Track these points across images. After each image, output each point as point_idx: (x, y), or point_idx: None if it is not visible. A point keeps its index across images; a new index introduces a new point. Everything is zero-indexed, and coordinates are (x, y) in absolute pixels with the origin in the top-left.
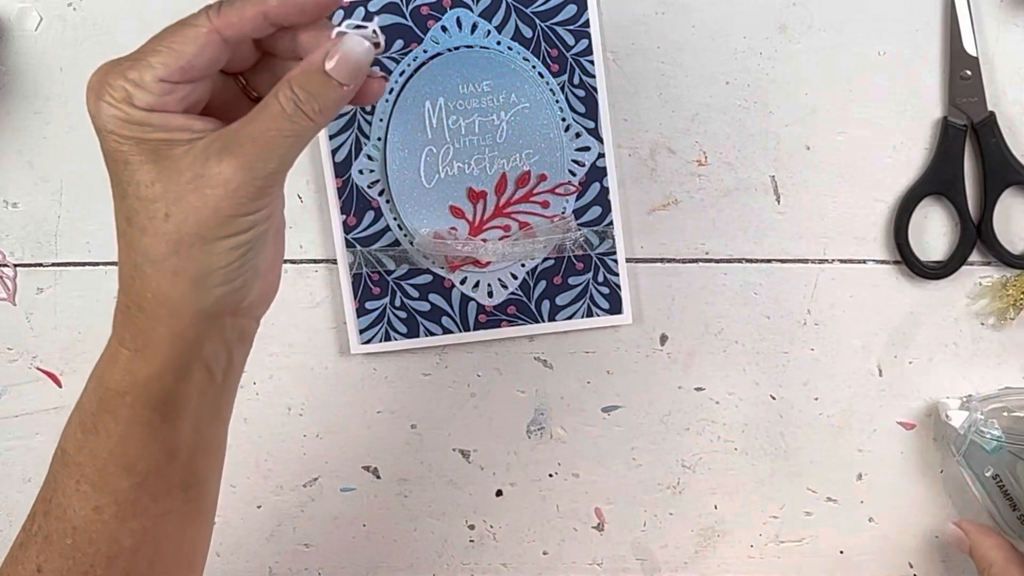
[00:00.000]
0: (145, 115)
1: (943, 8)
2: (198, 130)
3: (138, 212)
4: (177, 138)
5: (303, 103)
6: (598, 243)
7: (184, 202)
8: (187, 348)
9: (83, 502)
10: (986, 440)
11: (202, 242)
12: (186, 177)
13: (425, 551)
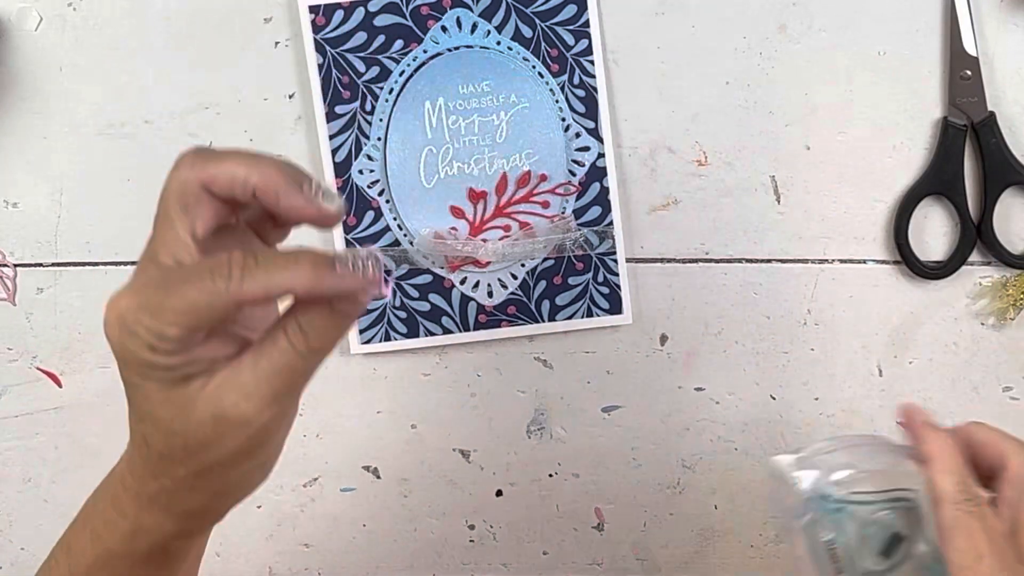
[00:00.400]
0: (167, 359)
1: (943, 8)
2: (216, 359)
3: (155, 439)
4: (194, 371)
5: (310, 340)
6: (598, 243)
7: (203, 437)
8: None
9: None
10: (829, 502)
11: (222, 470)
12: (205, 416)
13: (425, 551)
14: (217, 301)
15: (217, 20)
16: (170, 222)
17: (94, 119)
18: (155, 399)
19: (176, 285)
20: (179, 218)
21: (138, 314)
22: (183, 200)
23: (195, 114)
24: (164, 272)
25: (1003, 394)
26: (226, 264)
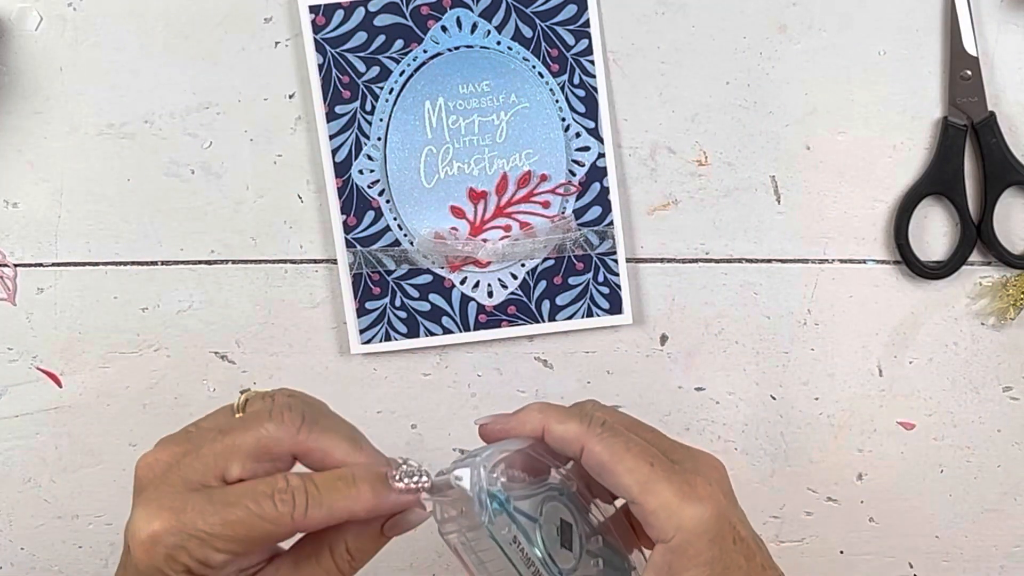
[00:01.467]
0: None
1: (943, 8)
2: (244, 568)
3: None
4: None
5: (356, 562)
6: (598, 243)
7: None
8: None
9: None
10: (496, 499)
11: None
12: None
13: (425, 551)
14: (278, 530)
15: (217, 20)
16: (228, 451)
17: (94, 119)
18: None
19: (231, 512)
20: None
21: (181, 538)
22: (263, 453)
23: (195, 114)
24: (206, 493)
25: (1003, 394)
26: (288, 490)
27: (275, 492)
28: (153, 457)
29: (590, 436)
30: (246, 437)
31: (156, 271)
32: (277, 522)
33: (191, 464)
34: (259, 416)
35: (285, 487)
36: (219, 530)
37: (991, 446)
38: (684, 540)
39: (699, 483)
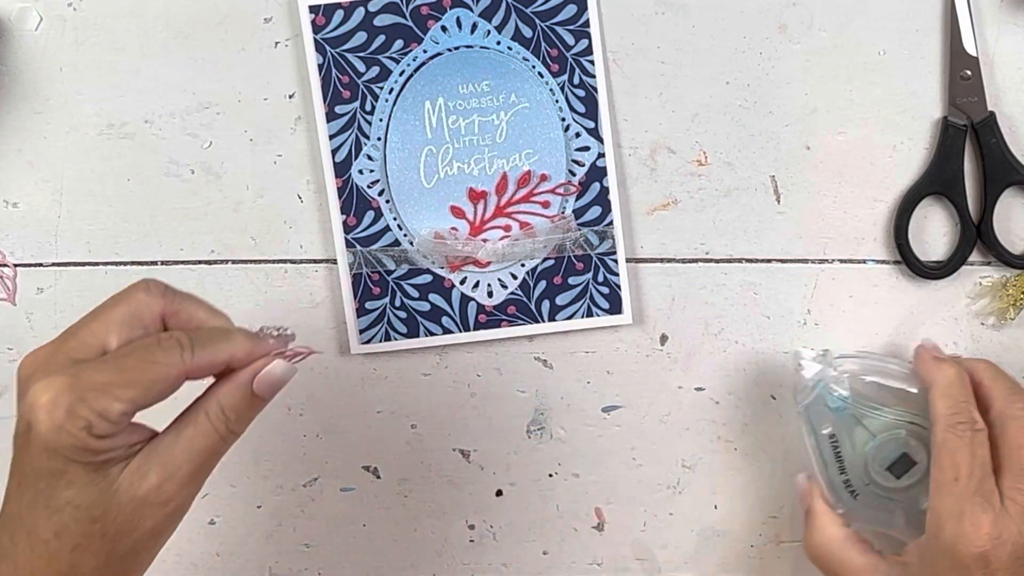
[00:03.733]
0: (100, 443)
1: (943, 8)
2: (133, 443)
3: (72, 531)
4: (116, 456)
5: (231, 422)
6: (598, 243)
7: (124, 522)
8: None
9: None
10: (832, 397)
11: (134, 554)
12: (124, 499)
13: (425, 551)
14: (168, 375)
15: (217, 20)
16: (104, 325)
17: (94, 119)
18: (78, 485)
19: (123, 362)
20: (117, 329)
21: (81, 393)
22: (136, 320)
23: (195, 114)
24: (96, 359)
25: None
26: (172, 338)
27: (161, 340)
28: (31, 355)
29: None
30: (118, 308)
31: (156, 271)
32: (168, 363)
33: (71, 345)
34: (128, 289)
35: (169, 336)
36: (116, 378)
37: None
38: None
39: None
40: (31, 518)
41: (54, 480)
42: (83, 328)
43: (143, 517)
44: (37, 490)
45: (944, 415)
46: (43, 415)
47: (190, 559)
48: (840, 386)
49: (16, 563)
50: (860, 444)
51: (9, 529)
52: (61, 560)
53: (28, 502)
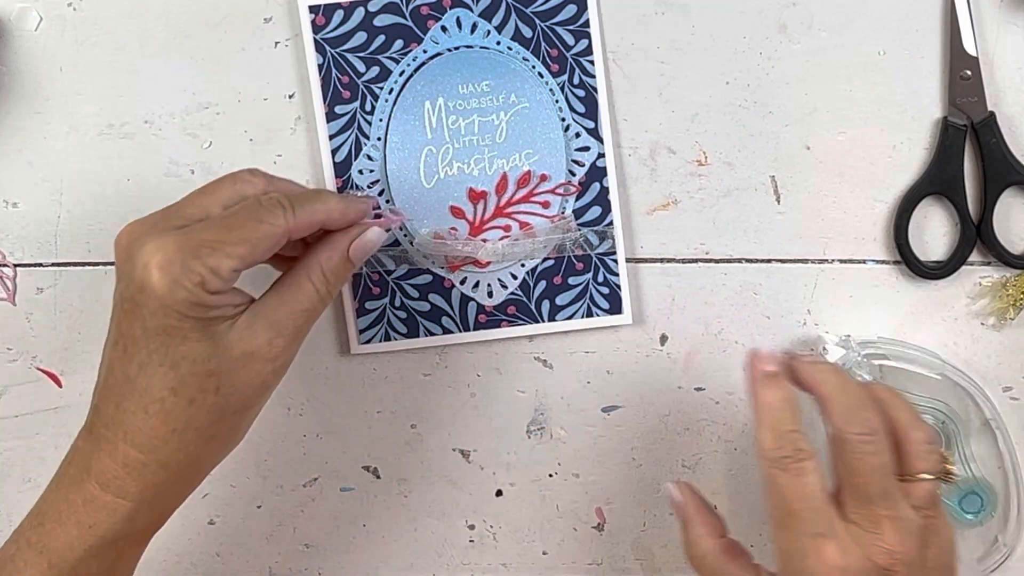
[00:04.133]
0: (212, 298)
1: (943, 8)
2: (238, 304)
3: (189, 385)
4: (225, 314)
5: (330, 284)
6: (598, 243)
7: (235, 377)
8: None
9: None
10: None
11: (243, 409)
12: (235, 353)
13: (425, 551)
14: (274, 232)
15: (217, 20)
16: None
17: (94, 119)
18: (193, 340)
19: (230, 221)
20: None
21: (194, 250)
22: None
23: (195, 114)
24: (203, 220)
25: (1003, 394)
26: (275, 200)
27: (263, 201)
28: (132, 225)
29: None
30: (224, 185)
31: None
32: (274, 222)
33: (175, 216)
34: (232, 173)
35: (270, 197)
36: (225, 236)
37: None
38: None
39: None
40: (144, 379)
41: (169, 337)
42: (188, 203)
43: (253, 372)
44: (150, 349)
45: (767, 450)
46: (158, 272)
47: (190, 559)
48: (863, 371)
49: (126, 429)
50: None
51: (114, 398)
52: (176, 417)
53: (140, 363)
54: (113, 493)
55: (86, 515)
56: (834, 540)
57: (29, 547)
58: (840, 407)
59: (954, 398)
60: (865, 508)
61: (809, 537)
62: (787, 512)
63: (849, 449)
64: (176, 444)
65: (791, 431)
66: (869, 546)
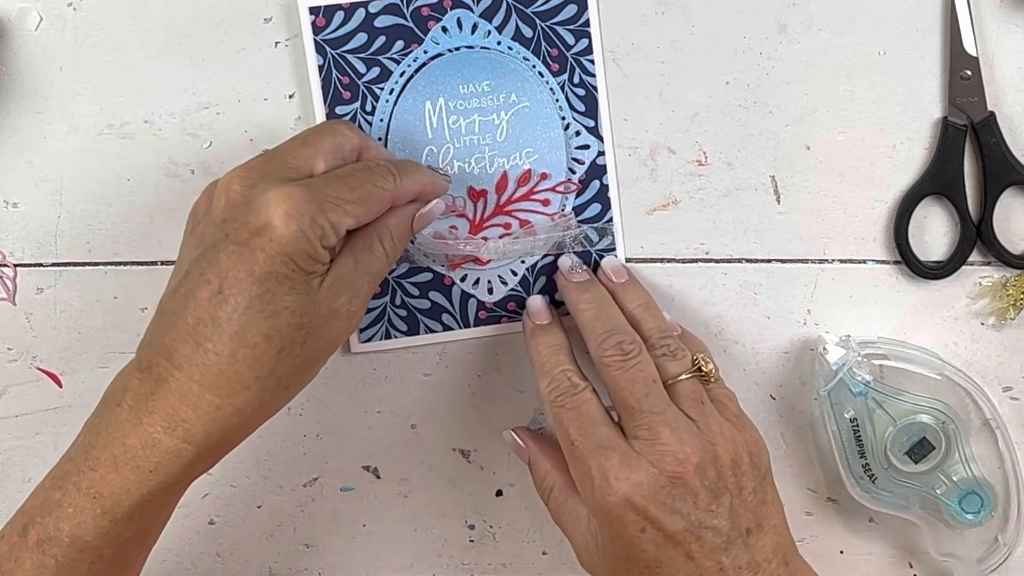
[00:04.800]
0: (324, 253)
1: (943, 8)
2: (329, 263)
3: (282, 335)
4: (320, 271)
5: (397, 249)
6: (597, 240)
7: (320, 333)
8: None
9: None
10: (855, 382)
11: (316, 364)
12: (323, 310)
13: (425, 551)
14: (384, 198)
15: (217, 20)
16: (313, 151)
17: (94, 119)
18: (297, 292)
19: (349, 181)
20: (324, 156)
21: (320, 204)
22: (339, 151)
23: (195, 114)
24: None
25: (1003, 394)
26: (384, 167)
27: (374, 167)
28: (241, 170)
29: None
30: (325, 137)
31: (156, 271)
32: (385, 188)
33: (281, 165)
34: (329, 123)
35: (380, 164)
36: (347, 194)
37: None
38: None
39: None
40: (241, 322)
41: (277, 284)
42: (291, 152)
43: (334, 329)
44: (253, 294)
45: (545, 394)
46: (283, 221)
47: (190, 559)
48: (863, 371)
49: (205, 372)
50: (881, 429)
51: (194, 338)
52: (263, 365)
53: (237, 306)
54: (179, 437)
55: (146, 459)
56: (616, 453)
57: (79, 492)
58: (593, 332)
59: (954, 398)
60: (638, 419)
61: (593, 457)
62: (571, 442)
63: (605, 370)
64: (256, 391)
65: (563, 370)
66: (652, 454)
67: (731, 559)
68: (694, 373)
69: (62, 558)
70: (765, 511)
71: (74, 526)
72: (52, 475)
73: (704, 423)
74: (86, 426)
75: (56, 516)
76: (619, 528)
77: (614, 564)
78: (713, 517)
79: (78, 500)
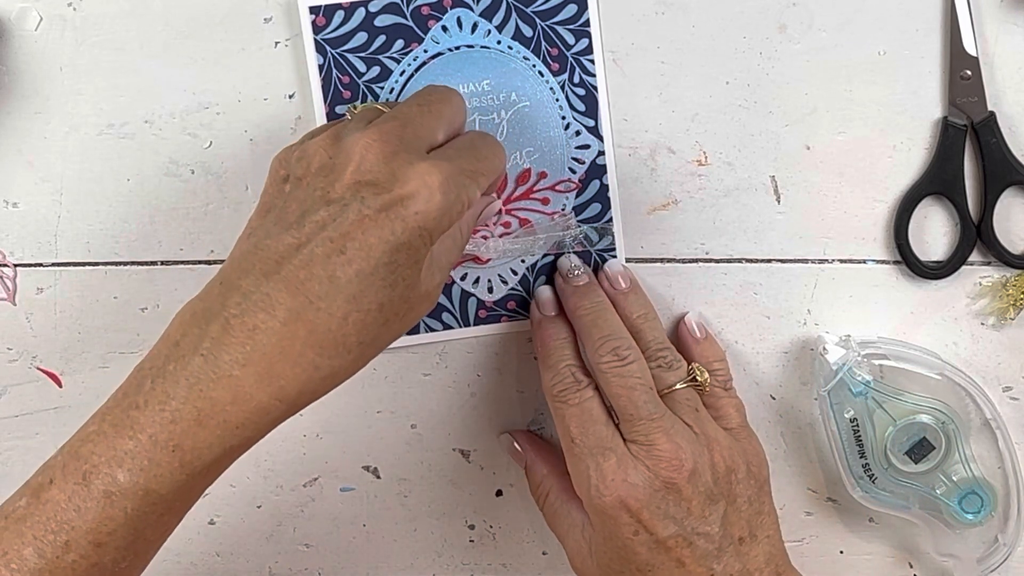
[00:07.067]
0: (457, 224)
1: (943, 8)
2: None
3: (395, 305)
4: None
5: (467, 239)
6: (597, 239)
7: (415, 309)
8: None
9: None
10: (855, 382)
11: (397, 337)
12: (422, 289)
13: (425, 551)
14: (502, 168)
15: (217, 20)
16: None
17: (94, 119)
18: (419, 266)
19: (479, 152)
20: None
21: (462, 179)
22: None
23: (195, 114)
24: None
25: (1003, 394)
26: (493, 139)
27: (489, 140)
28: (369, 138)
29: (554, 397)
30: (446, 107)
31: (156, 271)
32: (503, 160)
33: (412, 137)
34: (444, 91)
35: (486, 135)
36: (479, 166)
37: None
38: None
39: (607, 472)
40: (361, 286)
41: (406, 255)
42: (419, 120)
43: (424, 308)
44: (380, 262)
45: (548, 387)
46: (432, 194)
47: (190, 559)
48: (863, 370)
49: (312, 329)
50: (880, 429)
51: (304, 294)
52: (368, 332)
53: (360, 271)
54: (273, 394)
55: (235, 414)
56: (613, 455)
57: (156, 446)
58: (590, 337)
59: (954, 398)
60: (636, 425)
61: (591, 456)
62: (571, 439)
63: (602, 375)
64: (356, 356)
65: (568, 364)
66: (648, 459)
67: (722, 566)
68: (689, 383)
69: (132, 511)
70: (760, 521)
71: (150, 479)
72: (113, 420)
73: (701, 429)
74: (151, 369)
75: (129, 468)
76: (613, 529)
77: (607, 566)
78: (705, 524)
79: (155, 453)
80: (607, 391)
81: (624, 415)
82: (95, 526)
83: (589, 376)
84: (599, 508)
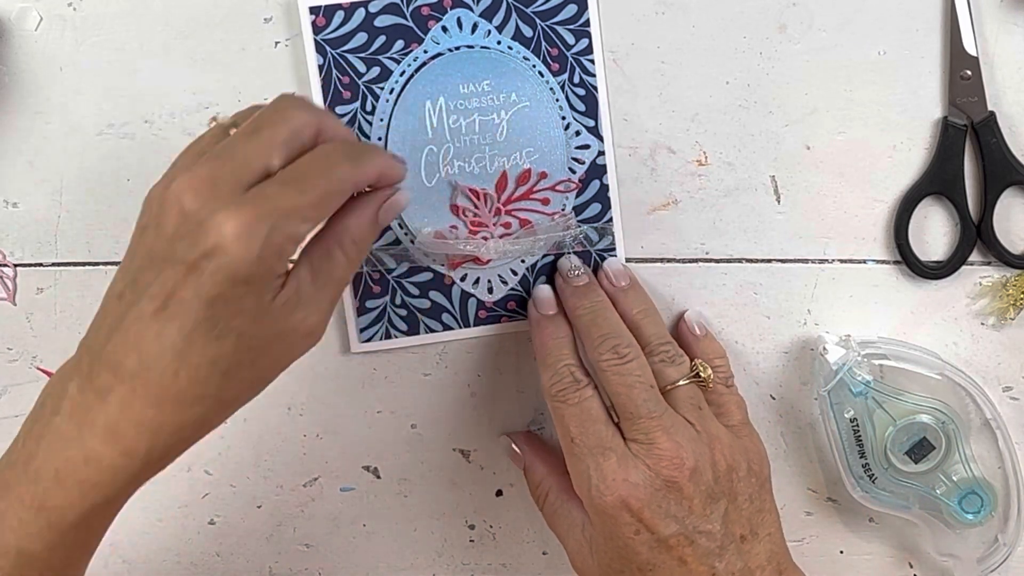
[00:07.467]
0: (281, 267)
1: (943, 8)
2: (282, 277)
3: (229, 358)
4: (275, 286)
5: (360, 251)
6: (597, 239)
7: (271, 351)
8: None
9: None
10: (855, 382)
11: (266, 382)
12: (276, 329)
13: (425, 551)
14: (344, 192)
15: (217, 20)
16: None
17: (94, 119)
18: (249, 315)
19: (303, 183)
20: (280, 151)
21: (274, 222)
22: (296, 140)
23: (195, 114)
24: (269, 181)
25: (1003, 394)
26: (340, 153)
27: (329, 155)
28: (187, 182)
29: (554, 397)
30: (279, 129)
31: None
32: (343, 178)
33: (233, 168)
34: (279, 108)
35: (335, 149)
36: (300, 200)
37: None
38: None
39: (608, 471)
40: (185, 343)
41: (225, 307)
42: (243, 149)
43: (288, 347)
44: (200, 317)
45: (547, 387)
46: (236, 246)
47: (190, 559)
48: (863, 370)
49: (148, 388)
50: (880, 428)
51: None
52: (208, 384)
53: (182, 327)
54: (121, 452)
55: (89, 474)
56: (614, 454)
57: (23, 506)
58: (589, 336)
59: (954, 398)
60: (636, 424)
61: (591, 456)
62: (571, 438)
63: (602, 374)
64: (199, 410)
65: (567, 364)
66: (649, 457)
67: (724, 564)
68: (692, 379)
69: (10, 569)
70: (761, 519)
71: (20, 539)
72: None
73: (702, 427)
74: (24, 431)
75: (1, 528)
76: (613, 528)
77: (608, 565)
78: (707, 522)
79: (22, 513)
80: (607, 389)
81: (624, 414)
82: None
83: (588, 375)
84: (600, 508)
